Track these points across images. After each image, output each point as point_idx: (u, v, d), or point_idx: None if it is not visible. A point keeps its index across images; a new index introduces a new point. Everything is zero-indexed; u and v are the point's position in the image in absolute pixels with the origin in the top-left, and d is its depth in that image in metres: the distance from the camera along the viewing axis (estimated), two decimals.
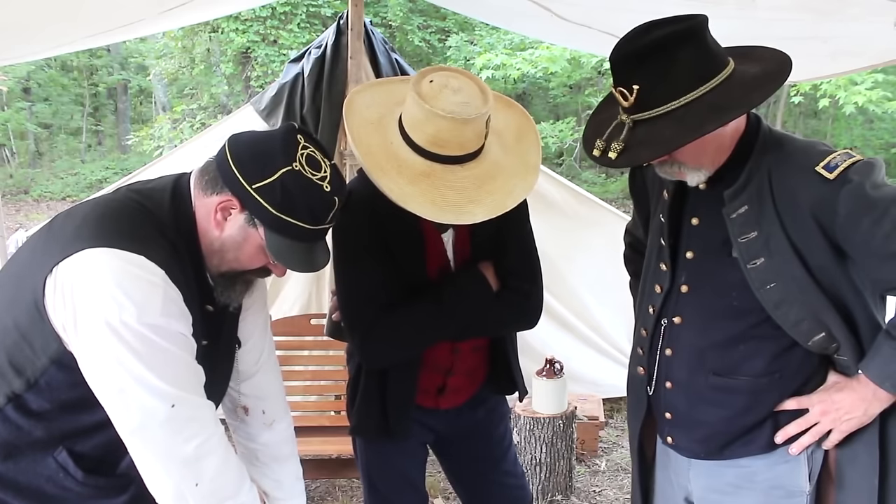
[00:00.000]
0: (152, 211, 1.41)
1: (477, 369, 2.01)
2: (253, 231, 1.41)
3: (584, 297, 4.63)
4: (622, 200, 13.76)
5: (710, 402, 1.64)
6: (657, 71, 1.41)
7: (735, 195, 1.53)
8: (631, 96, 1.43)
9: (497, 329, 1.96)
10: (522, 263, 1.92)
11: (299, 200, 1.38)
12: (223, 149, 1.42)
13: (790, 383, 1.60)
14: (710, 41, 1.45)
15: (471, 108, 1.60)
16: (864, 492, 1.57)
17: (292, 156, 1.38)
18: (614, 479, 3.89)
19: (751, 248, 1.52)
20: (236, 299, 1.55)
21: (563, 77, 12.24)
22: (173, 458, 1.34)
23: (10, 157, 17.57)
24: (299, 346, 3.60)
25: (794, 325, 1.53)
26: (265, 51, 12.31)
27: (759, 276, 1.52)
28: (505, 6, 3.57)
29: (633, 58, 1.43)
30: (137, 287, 1.30)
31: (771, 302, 1.52)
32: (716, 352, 1.62)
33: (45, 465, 1.42)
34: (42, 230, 1.44)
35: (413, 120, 1.63)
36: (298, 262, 1.45)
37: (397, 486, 2.05)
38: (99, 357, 1.31)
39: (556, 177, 4.64)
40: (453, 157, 1.62)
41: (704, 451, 1.69)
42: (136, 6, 3.05)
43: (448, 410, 2.01)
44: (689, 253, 1.64)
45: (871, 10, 2.54)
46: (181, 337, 1.36)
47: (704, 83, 1.41)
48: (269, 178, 1.36)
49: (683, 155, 1.51)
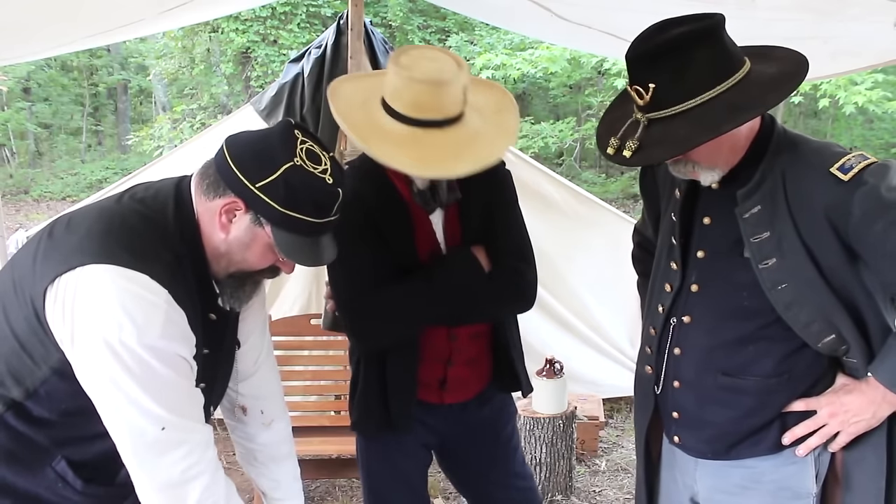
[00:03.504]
0: (156, 220, 1.40)
1: (478, 360, 2.00)
2: (260, 230, 1.41)
3: (584, 297, 4.63)
4: (622, 200, 13.76)
5: (719, 403, 1.64)
6: (673, 70, 1.40)
7: (748, 195, 1.52)
8: (646, 95, 1.42)
9: (492, 309, 1.95)
10: (514, 243, 1.95)
11: (304, 195, 1.38)
12: (221, 151, 1.41)
13: (799, 385, 1.59)
14: (726, 40, 1.44)
15: (445, 73, 1.69)
16: (871, 494, 1.56)
17: (292, 151, 1.37)
18: (614, 479, 3.89)
19: (763, 249, 1.51)
20: (245, 300, 1.54)
21: (563, 77, 12.21)
22: (158, 478, 1.34)
23: (10, 157, 17.56)
24: (299, 346, 3.59)
25: (804, 326, 1.52)
26: (265, 51, 12.30)
27: (771, 277, 1.51)
28: (505, 6, 3.57)
29: (648, 56, 1.42)
30: (139, 307, 1.29)
31: (782, 303, 1.52)
32: (725, 352, 1.61)
33: (43, 475, 1.42)
34: (41, 236, 1.42)
35: (394, 90, 1.70)
36: (308, 257, 1.45)
37: (397, 488, 2.04)
38: (94, 374, 1.30)
39: (556, 177, 4.64)
40: (433, 120, 1.69)
41: (711, 451, 1.68)
42: (136, 6, 3.05)
43: (452, 406, 2.00)
44: (700, 252, 1.64)
45: (871, 10, 2.54)
46: (180, 360, 1.35)
47: (721, 83, 1.41)
48: (272, 175, 1.35)
49: (698, 154, 1.50)
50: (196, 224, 1.43)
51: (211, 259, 1.45)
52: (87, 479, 1.45)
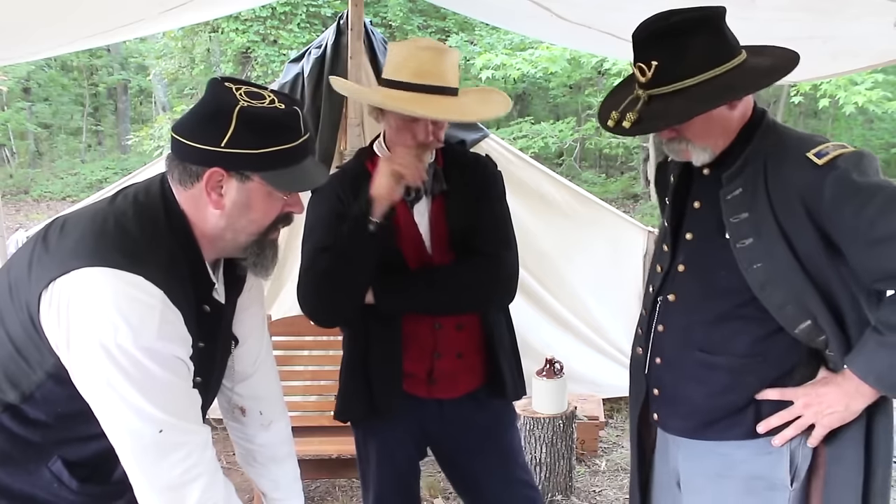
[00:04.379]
0: (148, 218, 1.39)
1: (467, 355, 2.00)
2: (251, 184, 1.38)
3: (584, 297, 4.63)
4: (622, 200, 13.77)
5: (694, 379, 1.68)
6: (675, 50, 1.51)
7: (732, 178, 1.59)
8: (649, 71, 1.53)
9: (466, 293, 1.94)
10: (495, 231, 1.98)
11: (268, 128, 1.36)
12: (173, 139, 1.40)
13: (772, 370, 1.62)
14: (726, 31, 1.55)
15: (443, 46, 1.89)
16: (849, 490, 1.58)
17: (234, 98, 1.36)
18: (614, 479, 3.89)
19: (741, 229, 1.57)
20: (271, 266, 1.52)
21: (563, 77, 12.23)
22: (157, 481, 1.33)
23: (10, 157, 17.59)
24: (299, 346, 3.59)
25: (778, 308, 1.55)
26: (265, 51, 12.32)
27: (747, 256, 1.56)
28: (505, 6, 3.57)
29: (653, 36, 1.53)
30: (134, 309, 1.28)
31: (757, 282, 1.56)
32: (702, 329, 1.66)
33: (38, 476, 1.42)
34: (37, 239, 1.41)
35: (396, 63, 1.86)
36: (304, 182, 1.45)
37: (390, 478, 2.06)
38: (90, 377, 1.30)
39: (556, 177, 4.64)
40: (437, 86, 1.82)
41: (686, 428, 1.72)
42: (136, 6, 3.04)
43: (442, 403, 2.01)
44: (688, 234, 1.70)
45: (871, 10, 2.54)
46: (176, 361, 1.35)
47: (718, 66, 1.51)
48: (229, 128, 1.34)
49: (692, 131, 1.58)
50: (183, 215, 1.42)
51: (205, 246, 1.44)
52: (82, 478, 1.45)
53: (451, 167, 1.98)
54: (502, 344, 2.04)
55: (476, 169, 2.01)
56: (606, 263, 4.62)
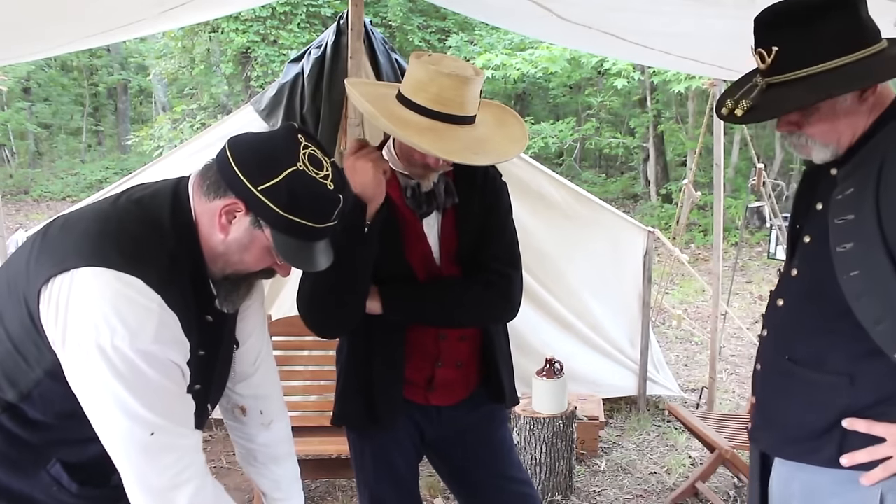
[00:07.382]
0: (152, 222, 1.39)
1: (467, 364, 2.01)
2: (259, 233, 1.40)
3: (584, 297, 4.63)
4: (622, 200, 13.77)
5: (782, 390, 1.59)
6: (800, 34, 1.38)
7: (846, 176, 1.46)
8: (769, 58, 1.41)
9: (476, 310, 1.94)
10: (505, 250, 1.97)
11: (305, 200, 1.37)
12: (224, 152, 1.40)
13: (863, 395, 1.47)
14: (864, 15, 1.41)
15: (468, 72, 1.76)
16: None
17: (295, 155, 1.37)
18: (614, 479, 3.89)
19: (843, 231, 1.44)
20: (239, 302, 1.54)
21: (563, 77, 12.21)
22: (147, 483, 1.33)
23: (10, 157, 17.59)
24: (299, 346, 3.59)
25: (874, 323, 1.40)
26: (265, 51, 12.30)
27: (845, 262, 1.43)
28: (505, 6, 3.56)
29: (777, 18, 1.41)
30: (132, 312, 1.28)
31: (853, 292, 1.42)
32: (797, 337, 1.56)
33: (38, 478, 1.42)
34: (36, 237, 1.41)
35: (416, 83, 1.76)
36: (305, 262, 1.45)
37: (387, 481, 2.04)
38: (84, 378, 1.30)
39: (556, 177, 4.64)
40: (455, 115, 1.74)
41: (769, 441, 1.64)
42: (136, 6, 3.04)
43: (440, 410, 2.01)
44: (807, 237, 1.58)
45: (871, 10, 2.53)
46: (172, 365, 1.35)
47: (848, 53, 1.37)
48: (274, 179, 1.35)
49: (812, 127, 1.47)
50: (194, 225, 1.42)
51: (208, 260, 1.45)
52: (81, 481, 1.45)
53: (461, 179, 1.96)
54: (501, 352, 2.05)
55: (486, 182, 1.99)
56: (606, 263, 4.62)
